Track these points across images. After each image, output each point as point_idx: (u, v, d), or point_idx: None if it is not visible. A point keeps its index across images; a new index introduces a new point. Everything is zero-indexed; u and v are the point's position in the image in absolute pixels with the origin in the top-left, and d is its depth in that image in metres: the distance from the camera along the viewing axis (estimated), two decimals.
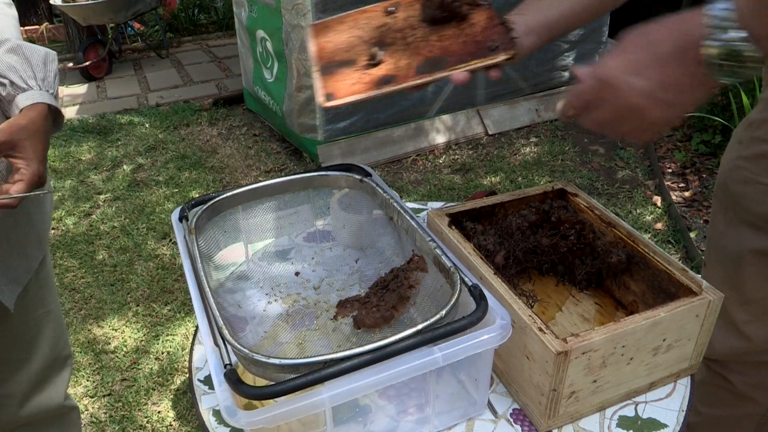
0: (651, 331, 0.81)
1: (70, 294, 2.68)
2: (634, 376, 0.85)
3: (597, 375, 0.81)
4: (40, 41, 6.39)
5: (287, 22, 3.37)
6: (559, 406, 0.81)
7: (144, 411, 2.09)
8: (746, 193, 1.12)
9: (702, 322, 0.85)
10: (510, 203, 1.06)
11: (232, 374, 0.68)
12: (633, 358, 0.83)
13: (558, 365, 0.77)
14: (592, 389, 0.82)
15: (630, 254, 0.95)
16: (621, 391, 0.86)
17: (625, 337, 0.79)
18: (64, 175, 3.71)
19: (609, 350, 0.79)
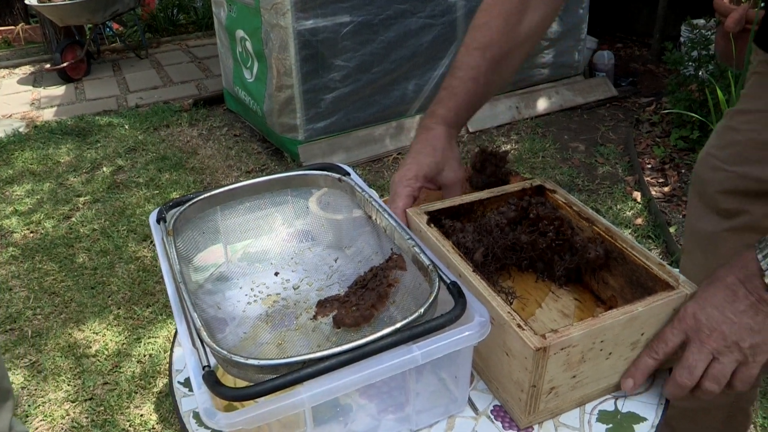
0: (629, 326, 0.81)
1: (50, 298, 2.65)
2: (613, 370, 0.85)
3: (576, 370, 0.81)
4: (16, 42, 6.32)
5: (267, 21, 3.36)
6: (539, 402, 0.81)
7: (126, 414, 2.08)
8: (713, 179, 1.17)
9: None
10: (489, 200, 1.05)
11: (210, 376, 0.68)
12: (612, 353, 0.82)
13: (537, 361, 0.76)
14: (571, 384, 0.82)
15: (608, 250, 0.95)
16: (601, 386, 0.86)
17: (604, 332, 0.79)
18: (42, 177, 3.67)
19: (588, 345, 0.79)
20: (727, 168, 1.14)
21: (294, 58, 3.32)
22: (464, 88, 1.03)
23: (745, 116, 1.13)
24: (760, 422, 1.91)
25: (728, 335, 0.78)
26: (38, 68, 5.73)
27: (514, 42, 1.05)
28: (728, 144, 1.15)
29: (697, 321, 0.80)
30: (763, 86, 1.10)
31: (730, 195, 1.14)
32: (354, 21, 3.41)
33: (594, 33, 4.60)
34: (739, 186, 1.12)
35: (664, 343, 0.82)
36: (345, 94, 3.56)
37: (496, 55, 1.03)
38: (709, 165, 1.19)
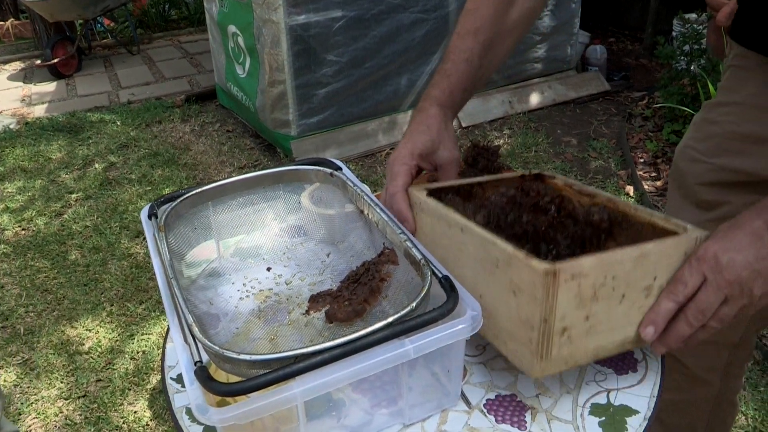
0: (640, 264, 0.77)
1: (42, 295, 2.65)
2: (628, 320, 0.81)
3: (589, 310, 0.77)
4: (5, 38, 6.29)
5: (258, 16, 3.35)
6: (552, 346, 0.77)
7: (120, 411, 2.07)
8: (691, 171, 1.18)
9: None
10: (488, 183, 1.02)
11: (202, 371, 0.67)
12: (625, 295, 0.78)
13: (547, 288, 0.73)
14: (585, 328, 0.78)
15: (611, 215, 0.92)
16: (616, 337, 0.81)
17: (615, 267, 0.76)
18: (34, 174, 3.65)
19: (599, 279, 0.75)
20: (707, 160, 1.15)
21: (286, 53, 3.31)
22: (457, 70, 1.04)
23: (723, 108, 1.14)
24: (751, 414, 1.93)
25: (746, 281, 0.76)
26: (29, 64, 5.69)
27: (504, 27, 1.06)
28: (707, 136, 1.16)
29: (718, 263, 0.76)
30: (740, 79, 1.11)
31: (709, 187, 1.15)
32: (346, 16, 3.40)
33: (586, 27, 4.61)
34: (719, 178, 1.13)
35: (683, 285, 0.78)
36: (337, 89, 3.55)
37: (487, 38, 1.04)
38: (688, 157, 1.20)
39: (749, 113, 1.08)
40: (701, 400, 1.34)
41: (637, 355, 0.94)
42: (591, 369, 0.92)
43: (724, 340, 1.25)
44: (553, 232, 0.94)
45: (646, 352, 0.95)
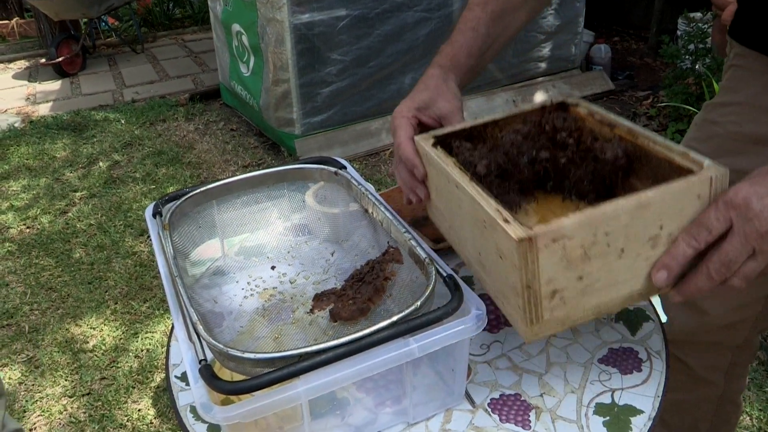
0: (639, 216, 0.70)
1: (47, 293, 2.65)
2: (633, 273, 0.74)
3: (581, 270, 0.71)
4: (10, 37, 6.30)
5: (262, 15, 3.35)
6: (542, 309, 0.72)
7: (124, 409, 2.08)
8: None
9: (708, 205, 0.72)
10: (504, 120, 0.94)
11: (206, 370, 0.68)
12: (625, 249, 0.72)
13: (524, 255, 0.67)
14: (580, 288, 0.72)
15: (629, 150, 0.84)
16: (621, 292, 0.74)
17: (607, 223, 0.69)
18: (38, 173, 3.66)
19: (588, 238, 0.69)
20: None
21: (290, 52, 3.31)
22: (463, 36, 1.02)
23: (724, 108, 1.13)
24: (755, 414, 1.92)
25: None
26: (33, 63, 5.70)
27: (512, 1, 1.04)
28: (708, 137, 1.15)
29: (749, 209, 0.67)
30: (741, 79, 1.10)
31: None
32: (350, 15, 3.40)
33: (591, 27, 4.60)
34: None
35: (707, 230, 0.70)
36: (341, 88, 3.55)
37: (496, 9, 1.02)
38: None
39: (750, 113, 1.08)
40: (705, 400, 1.34)
41: (642, 355, 0.94)
42: (595, 368, 0.92)
43: (728, 341, 1.25)
44: (567, 172, 0.87)
45: (651, 351, 0.95)
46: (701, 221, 0.70)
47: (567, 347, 0.96)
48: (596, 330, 0.99)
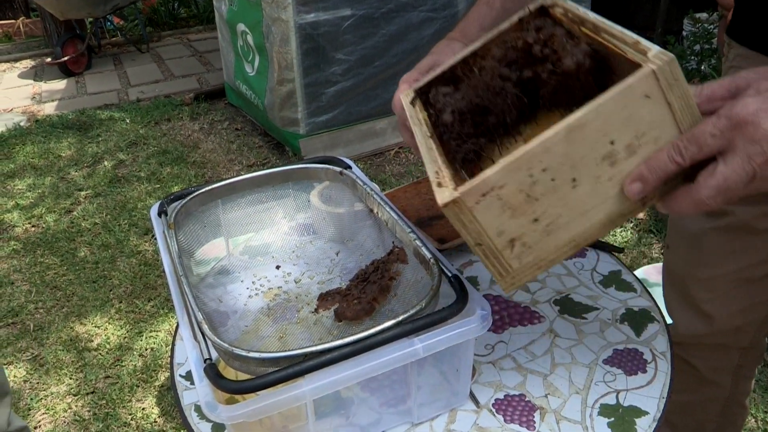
0: (576, 140, 0.63)
1: (52, 292, 2.66)
2: (601, 197, 0.67)
3: (532, 212, 0.66)
4: (16, 36, 6.32)
5: (268, 15, 3.35)
6: (508, 260, 0.68)
7: (128, 408, 2.08)
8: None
9: (666, 101, 0.63)
10: (483, 49, 0.84)
11: (211, 369, 0.68)
12: (576, 178, 0.65)
13: (458, 217, 0.64)
14: (540, 230, 0.67)
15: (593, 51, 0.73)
16: (595, 219, 0.68)
17: (539, 159, 0.63)
18: (44, 171, 3.67)
19: (525, 180, 0.64)
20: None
21: (295, 51, 3.31)
22: (476, 11, 0.99)
23: None
24: (761, 416, 1.91)
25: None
26: (39, 62, 5.72)
27: None
28: None
29: (758, 128, 0.57)
30: None
31: None
32: (355, 14, 3.40)
33: None
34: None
35: (697, 146, 0.61)
36: (346, 87, 3.55)
37: None
38: None
39: None
40: (711, 401, 1.33)
41: (647, 356, 0.94)
42: (600, 369, 0.92)
43: (735, 343, 1.25)
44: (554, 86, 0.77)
45: (656, 352, 0.95)
46: (694, 135, 0.61)
47: (572, 348, 0.96)
48: (601, 331, 0.99)
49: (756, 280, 1.15)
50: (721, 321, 1.20)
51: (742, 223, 1.10)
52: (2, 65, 5.73)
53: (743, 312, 1.19)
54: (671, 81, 0.61)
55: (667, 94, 0.62)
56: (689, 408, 1.35)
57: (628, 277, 1.11)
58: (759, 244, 1.11)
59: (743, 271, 1.15)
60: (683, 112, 0.63)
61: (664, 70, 0.61)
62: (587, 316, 1.02)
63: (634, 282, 1.10)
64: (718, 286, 1.17)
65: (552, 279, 1.10)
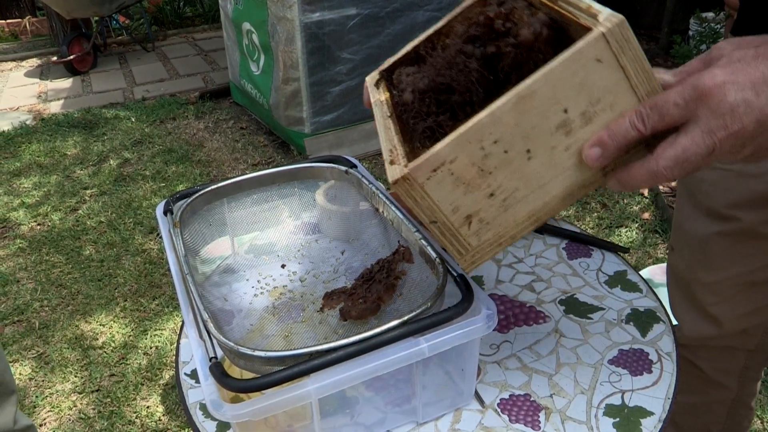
0: (527, 110, 0.61)
1: (57, 290, 2.66)
2: (559, 168, 0.65)
3: (487, 187, 0.64)
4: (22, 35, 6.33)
5: (273, 14, 3.36)
6: (466, 237, 0.67)
7: (133, 406, 2.08)
8: (705, 178, 1.14)
9: (619, 65, 0.60)
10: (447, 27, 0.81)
11: (217, 367, 0.68)
12: (531, 149, 0.63)
13: (409, 194, 0.63)
14: (497, 205, 0.66)
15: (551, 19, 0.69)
16: (555, 191, 0.66)
17: (489, 131, 0.61)
18: (49, 170, 3.68)
19: (476, 153, 0.62)
20: (722, 166, 1.10)
21: (300, 50, 3.31)
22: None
23: None
24: (767, 418, 1.91)
25: (749, 134, 0.56)
26: (45, 61, 5.73)
27: None
28: None
29: (723, 101, 0.55)
30: None
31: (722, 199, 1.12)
32: (360, 14, 3.40)
33: None
34: (736, 190, 1.10)
35: (659, 115, 0.59)
36: (351, 87, 3.55)
37: None
38: None
39: None
40: (717, 403, 1.33)
41: (653, 357, 0.94)
42: (605, 369, 0.92)
43: (741, 345, 1.24)
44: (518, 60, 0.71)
45: (661, 353, 0.95)
46: (657, 103, 0.59)
47: (577, 348, 0.96)
48: (606, 331, 0.99)
49: (762, 284, 1.14)
50: (728, 324, 1.19)
51: (747, 228, 1.10)
52: (8, 64, 5.75)
53: (749, 315, 1.18)
54: (622, 43, 0.59)
55: (620, 58, 0.60)
56: (695, 409, 1.35)
57: (633, 278, 1.10)
58: (765, 247, 1.11)
59: (749, 275, 1.14)
60: (638, 76, 0.61)
61: (615, 32, 0.59)
62: (593, 316, 1.02)
63: (639, 282, 1.09)
64: (724, 289, 1.17)
65: (557, 279, 1.10)
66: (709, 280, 1.18)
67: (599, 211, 2.96)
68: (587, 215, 2.93)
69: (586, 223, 2.88)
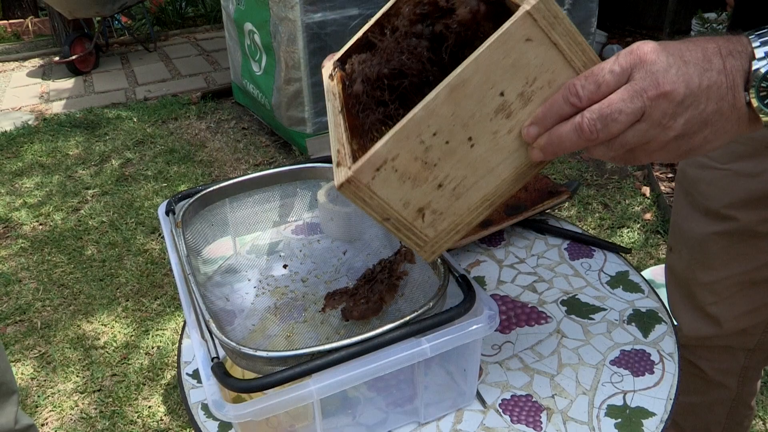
0: (462, 98, 0.60)
1: (59, 290, 2.67)
2: (505, 152, 0.64)
3: (434, 178, 0.64)
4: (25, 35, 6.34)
5: (275, 14, 3.36)
6: (421, 230, 0.67)
7: (134, 406, 2.09)
8: (702, 178, 1.14)
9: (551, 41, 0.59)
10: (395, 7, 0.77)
11: (219, 368, 0.68)
12: (472, 137, 0.62)
13: (357, 196, 0.63)
14: (447, 194, 0.65)
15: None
16: (505, 174, 0.66)
17: (426, 124, 0.60)
18: (51, 170, 3.68)
19: (417, 148, 0.61)
20: (719, 166, 1.10)
21: (302, 51, 3.32)
22: None
23: None
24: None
25: (679, 98, 0.57)
26: (47, 61, 5.74)
27: None
28: None
29: (655, 62, 0.57)
30: None
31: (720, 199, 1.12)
32: (362, 14, 3.40)
33: (603, 27, 4.58)
34: (733, 189, 1.10)
35: (595, 84, 0.58)
36: None
37: None
38: (697, 163, 1.16)
39: None
40: (717, 403, 1.33)
41: (654, 357, 0.94)
42: (607, 370, 0.92)
43: (741, 345, 1.24)
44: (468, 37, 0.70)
45: (663, 353, 0.95)
46: (592, 72, 0.59)
47: (579, 348, 0.96)
48: (608, 332, 0.99)
49: (760, 283, 1.14)
50: (727, 323, 1.19)
51: (745, 228, 1.10)
52: (11, 64, 5.75)
53: (749, 314, 1.18)
54: (551, 20, 0.58)
55: (550, 34, 0.59)
56: (696, 409, 1.35)
57: (635, 278, 1.10)
58: (763, 246, 1.11)
59: (748, 274, 1.14)
60: (572, 49, 0.61)
61: (540, 8, 0.58)
62: (594, 317, 1.02)
63: (641, 283, 1.09)
64: (723, 289, 1.17)
65: (559, 279, 1.10)
66: (708, 279, 1.18)
67: (601, 211, 2.96)
68: (589, 216, 2.92)
69: (587, 223, 2.87)
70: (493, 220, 1.16)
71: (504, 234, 1.22)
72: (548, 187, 1.22)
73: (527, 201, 1.20)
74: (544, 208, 1.18)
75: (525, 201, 1.20)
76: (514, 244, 1.19)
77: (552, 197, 1.19)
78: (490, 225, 1.15)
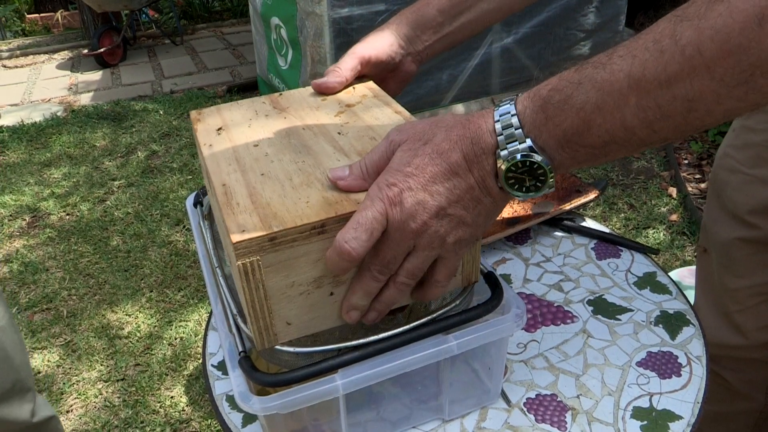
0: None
1: (85, 279, 2.70)
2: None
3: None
4: (55, 28, 6.42)
5: (302, 9, 3.36)
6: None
7: (157, 396, 2.11)
8: (730, 182, 1.13)
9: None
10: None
11: (246, 361, 0.68)
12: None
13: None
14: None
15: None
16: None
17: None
18: (78, 161, 3.73)
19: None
20: (746, 171, 1.10)
21: (329, 46, 3.32)
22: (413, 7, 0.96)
23: (762, 115, 1.08)
24: None
25: (437, 228, 0.60)
26: (76, 54, 5.81)
27: None
28: (745, 144, 1.12)
29: (403, 208, 0.59)
30: None
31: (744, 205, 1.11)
32: (389, 9, 3.40)
33: (631, 25, 4.53)
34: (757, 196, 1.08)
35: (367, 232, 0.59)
36: None
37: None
38: (728, 166, 1.15)
39: None
40: (743, 414, 1.31)
41: (682, 360, 0.93)
42: (633, 371, 0.91)
43: (765, 357, 1.22)
44: None
45: (691, 356, 0.93)
46: (358, 220, 0.59)
47: (605, 349, 0.95)
48: (635, 333, 0.98)
49: None
50: (751, 334, 1.17)
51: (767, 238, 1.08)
52: (41, 56, 5.83)
53: None
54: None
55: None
56: (721, 419, 1.33)
57: (663, 279, 1.09)
58: None
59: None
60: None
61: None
62: (621, 318, 1.01)
63: (669, 284, 1.08)
64: (746, 298, 1.15)
65: (586, 279, 1.09)
66: (733, 286, 1.16)
67: (626, 211, 2.93)
68: (614, 216, 2.90)
69: (612, 223, 2.85)
70: (520, 218, 1.15)
71: (531, 232, 1.21)
72: (576, 185, 1.21)
73: (554, 199, 1.19)
74: (572, 206, 1.17)
75: (552, 199, 1.19)
76: (540, 242, 1.18)
77: (580, 196, 1.18)
78: (517, 223, 1.14)
